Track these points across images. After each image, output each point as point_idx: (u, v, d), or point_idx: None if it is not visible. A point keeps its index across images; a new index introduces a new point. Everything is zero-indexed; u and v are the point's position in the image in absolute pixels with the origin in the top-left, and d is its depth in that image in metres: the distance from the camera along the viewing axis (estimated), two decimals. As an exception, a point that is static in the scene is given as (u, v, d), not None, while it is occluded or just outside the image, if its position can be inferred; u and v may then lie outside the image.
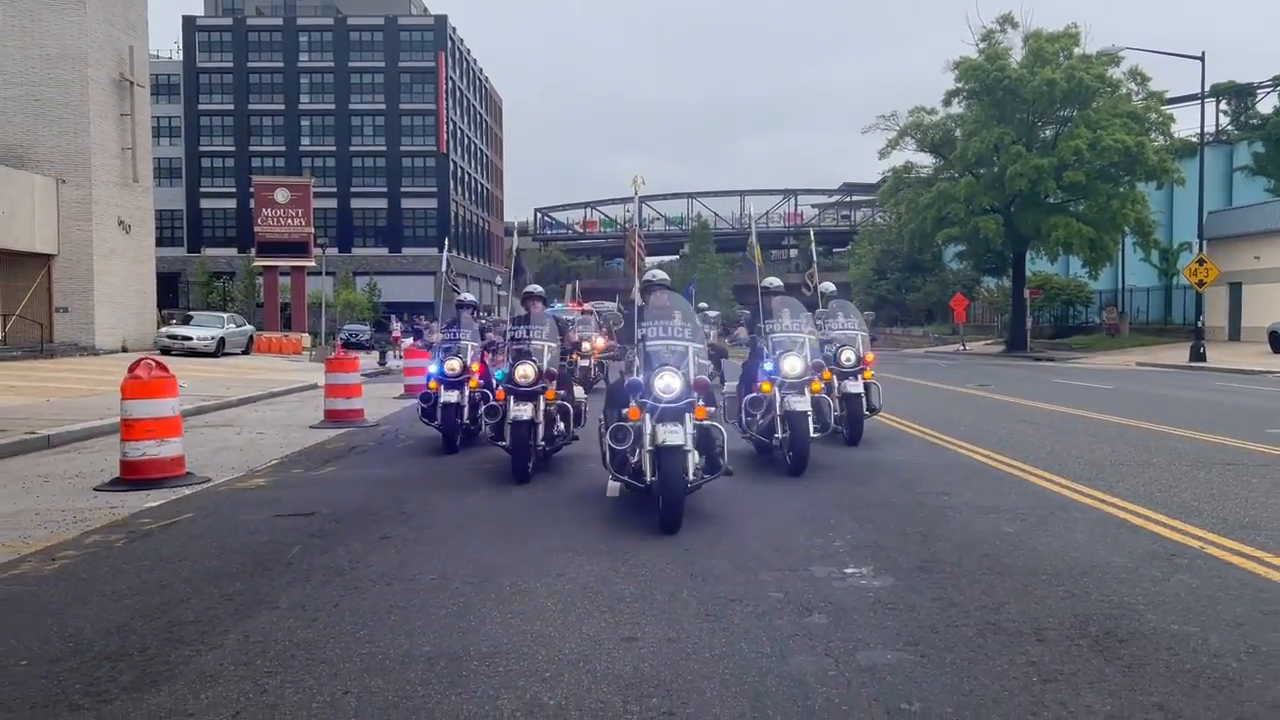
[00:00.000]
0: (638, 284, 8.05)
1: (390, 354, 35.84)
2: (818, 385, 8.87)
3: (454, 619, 4.61)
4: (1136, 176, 42.62)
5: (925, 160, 48.96)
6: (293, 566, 5.74)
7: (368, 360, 31.60)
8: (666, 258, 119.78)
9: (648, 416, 6.59)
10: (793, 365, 8.75)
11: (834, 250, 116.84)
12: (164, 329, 33.71)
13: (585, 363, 19.02)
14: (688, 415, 6.57)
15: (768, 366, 8.94)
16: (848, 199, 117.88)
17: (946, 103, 45.67)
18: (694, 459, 6.56)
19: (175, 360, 29.90)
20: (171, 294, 65.00)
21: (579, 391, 9.74)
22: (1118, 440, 11.39)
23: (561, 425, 9.17)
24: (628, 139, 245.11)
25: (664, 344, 6.97)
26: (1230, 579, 5.17)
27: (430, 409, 11.17)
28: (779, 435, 8.73)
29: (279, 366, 30.35)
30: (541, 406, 8.72)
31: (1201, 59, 33.25)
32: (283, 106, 74.75)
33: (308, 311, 43.99)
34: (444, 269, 14.62)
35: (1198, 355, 32.00)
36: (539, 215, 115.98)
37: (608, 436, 6.77)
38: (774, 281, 9.89)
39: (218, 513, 7.47)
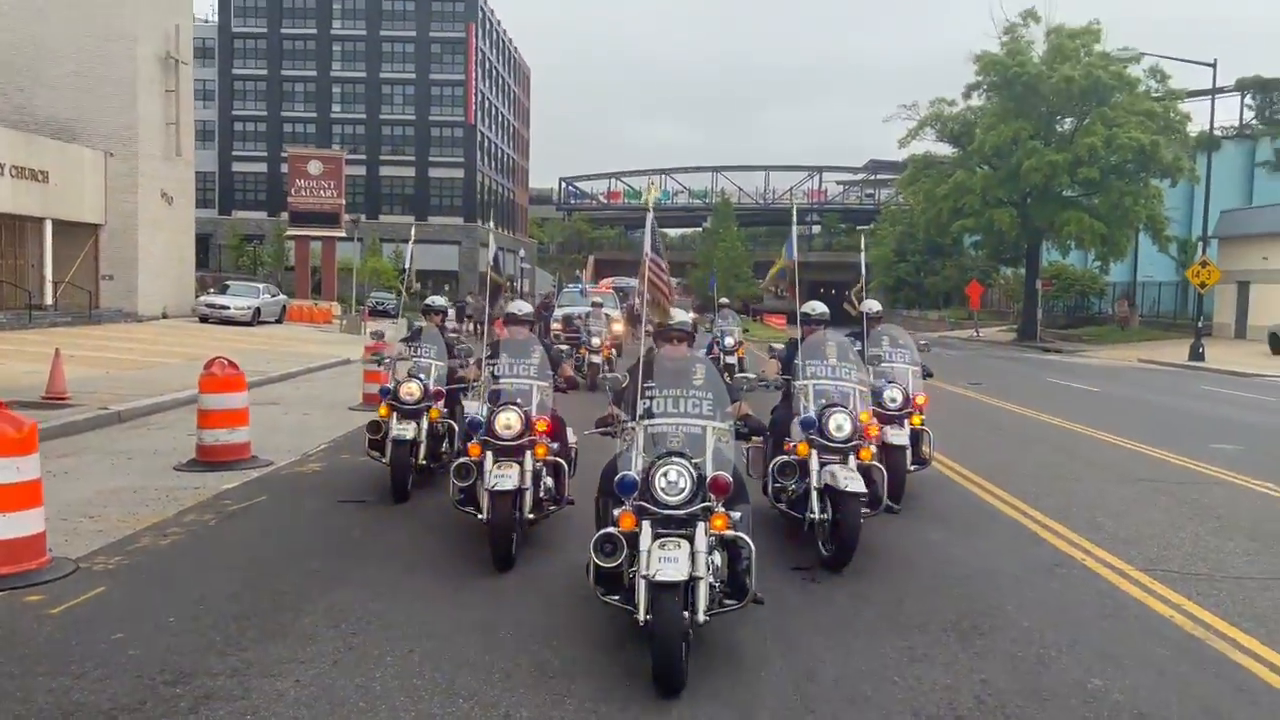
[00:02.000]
0: (646, 326, 6.50)
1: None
2: (868, 453, 6.99)
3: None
4: (1151, 173, 43.45)
5: (945, 150, 49.93)
6: (360, 547, 7.22)
7: (394, 332, 33.04)
8: (689, 230, 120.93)
9: (646, 525, 4.86)
10: (839, 425, 6.93)
11: (858, 228, 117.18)
12: (203, 298, 35.35)
13: (595, 358, 18.76)
14: (701, 527, 4.86)
15: (805, 425, 7.06)
16: (874, 177, 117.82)
17: (966, 95, 46.61)
18: (707, 587, 4.81)
19: (213, 329, 31.59)
20: (203, 255, 66.62)
21: (571, 435, 7.56)
22: (1068, 452, 12.71)
23: (551, 483, 7.13)
24: (656, 106, 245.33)
25: (676, 422, 5.35)
26: (1090, 588, 6.55)
27: (379, 440, 8.83)
28: (815, 514, 6.79)
29: (312, 337, 31.91)
30: (528, 466, 6.78)
31: (1213, 65, 34.05)
32: (314, 73, 76.00)
33: (338, 279, 45.55)
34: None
35: (1196, 355, 33.04)
36: (564, 184, 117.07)
37: (592, 548, 4.90)
38: (817, 307, 8.25)
39: (287, 496, 8.95)
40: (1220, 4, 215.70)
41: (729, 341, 19.31)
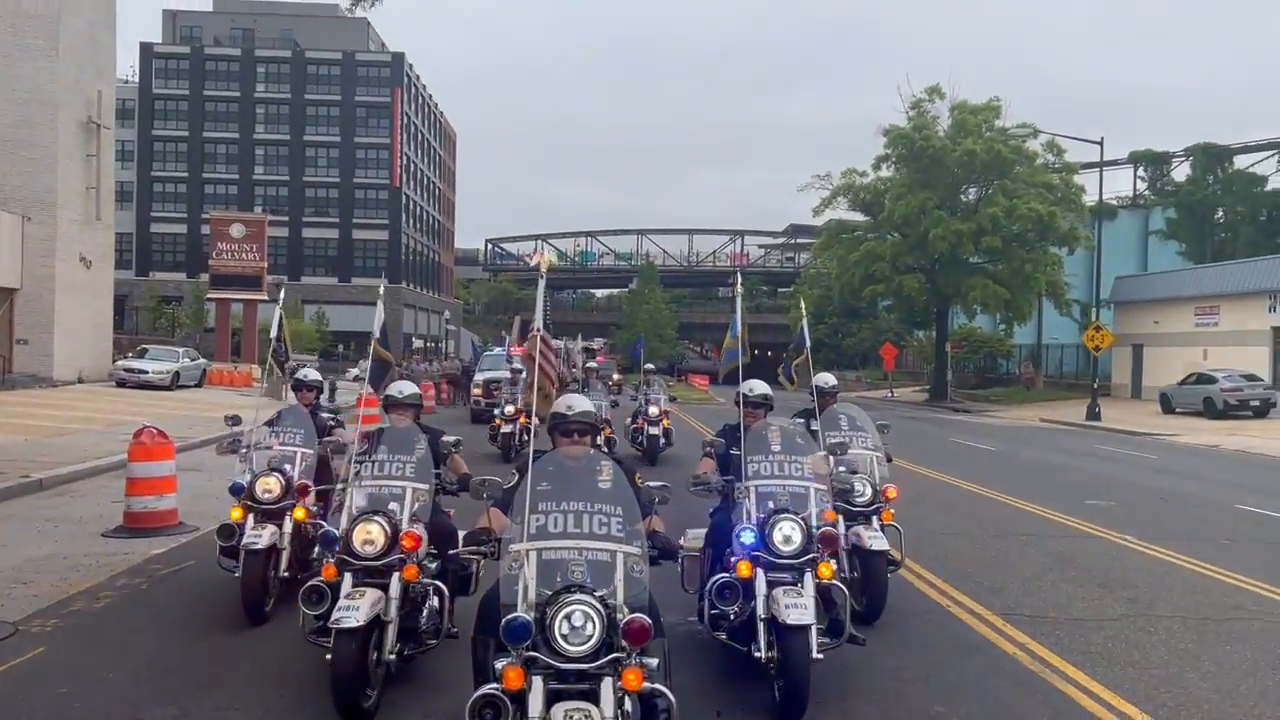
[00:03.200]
0: (536, 414, 6.09)
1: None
2: (827, 570, 5.87)
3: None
4: (1050, 241, 45.85)
5: (859, 217, 51.98)
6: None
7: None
8: (615, 290, 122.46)
9: (538, 683, 3.99)
10: (786, 537, 5.80)
11: (779, 290, 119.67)
12: (120, 362, 35.04)
13: (508, 428, 18.03)
14: (608, 683, 3.99)
15: (747, 538, 5.87)
16: (794, 241, 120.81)
17: (876, 166, 48.76)
18: None
19: (131, 394, 31.36)
20: (120, 317, 65.67)
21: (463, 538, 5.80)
22: (957, 509, 13.67)
23: (436, 604, 5.88)
24: (579, 166, 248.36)
25: (577, 545, 4.40)
26: (949, 630, 7.37)
27: (233, 548, 7.32)
28: (762, 650, 5.60)
29: (233, 401, 31.85)
30: (393, 592, 5.54)
31: (1100, 143, 36.63)
32: (237, 135, 76.00)
33: (258, 341, 45.41)
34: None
35: (1093, 415, 34.79)
36: (490, 246, 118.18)
37: (469, 713, 3.94)
38: (757, 387, 6.95)
39: (212, 562, 9.35)
40: (1118, 71, 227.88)
41: (653, 411, 18.66)
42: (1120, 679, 6.34)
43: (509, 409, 18.34)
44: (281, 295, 10.11)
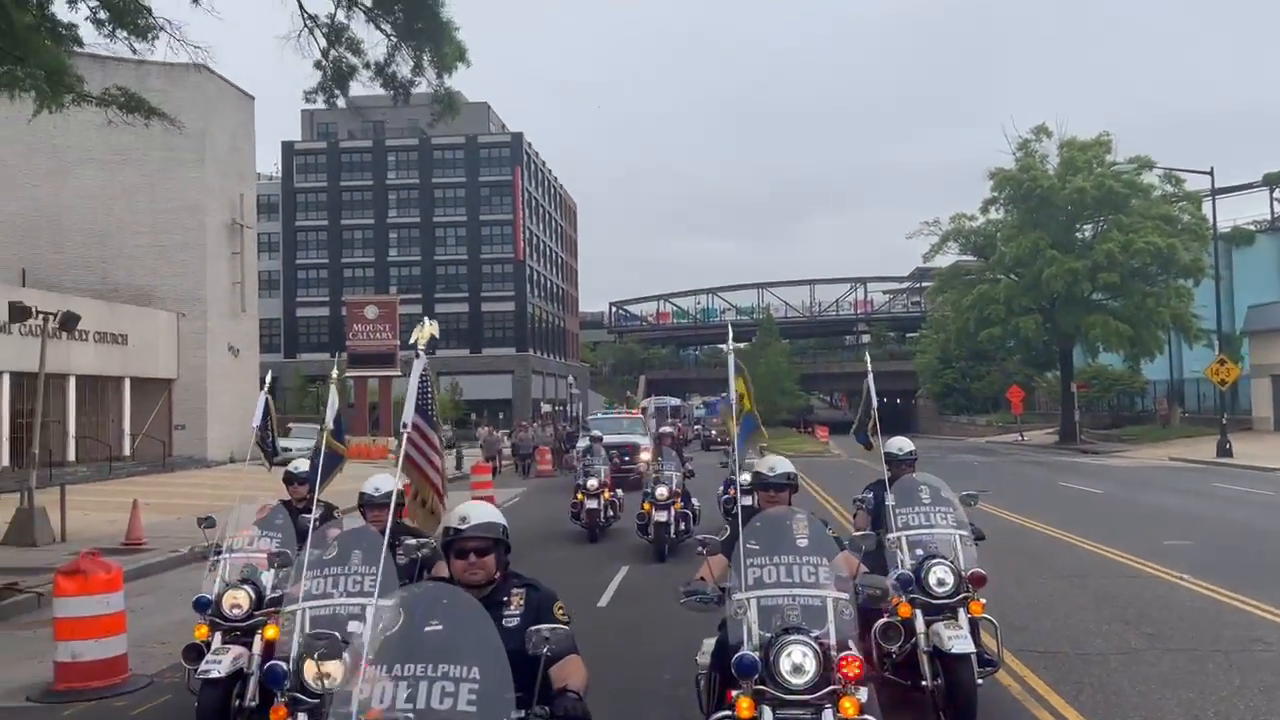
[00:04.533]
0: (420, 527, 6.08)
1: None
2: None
3: None
4: (1172, 274, 44.60)
5: (973, 260, 51.64)
6: None
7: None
8: (740, 344, 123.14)
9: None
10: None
11: (907, 335, 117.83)
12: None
13: (592, 503, 16.29)
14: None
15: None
16: (919, 285, 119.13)
17: (984, 210, 48.51)
18: None
19: (277, 470, 33.81)
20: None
21: None
22: (1021, 553, 13.93)
23: None
24: (700, 224, 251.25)
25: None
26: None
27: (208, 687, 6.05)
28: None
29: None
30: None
31: (1210, 173, 35.68)
32: (372, 221, 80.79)
33: (394, 415, 48.10)
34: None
35: (1224, 451, 33.63)
36: (613, 308, 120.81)
37: None
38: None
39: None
40: (1239, 98, 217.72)
41: (660, 492, 14.27)
42: (1097, 706, 6.88)
43: (591, 482, 16.41)
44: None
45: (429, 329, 5.27)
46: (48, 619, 9.06)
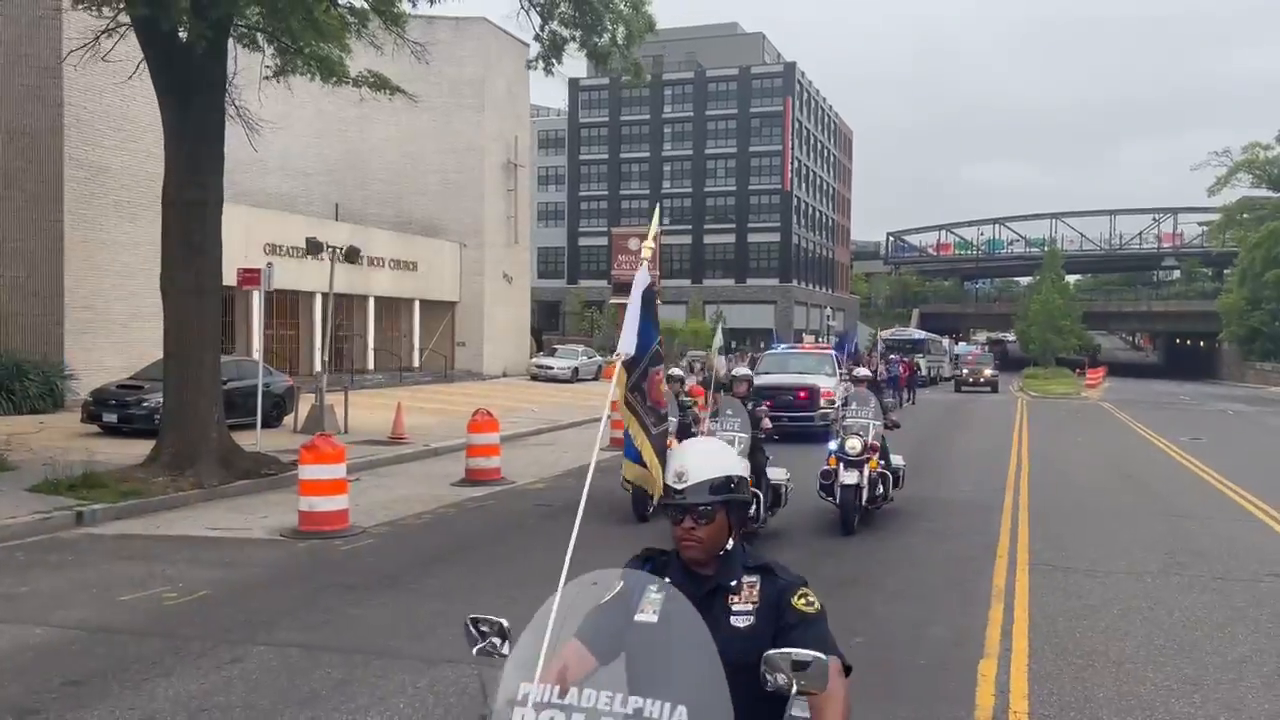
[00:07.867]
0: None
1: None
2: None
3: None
4: None
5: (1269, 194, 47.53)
6: (532, 530, 11.32)
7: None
8: (1025, 279, 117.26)
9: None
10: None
11: (1224, 272, 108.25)
12: (533, 359, 42.24)
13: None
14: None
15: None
16: (1239, 216, 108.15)
17: (1282, 138, 44.41)
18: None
19: (539, 385, 37.93)
20: (554, 320, 76.43)
21: None
22: (1159, 497, 14.40)
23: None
24: (990, 148, 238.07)
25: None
26: (971, 566, 9.30)
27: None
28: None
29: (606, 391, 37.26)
30: None
31: None
32: (648, 154, 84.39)
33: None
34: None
35: None
36: (890, 239, 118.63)
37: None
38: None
39: (506, 501, 13.37)
40: None
41: (852, 445, 11.30)
42: (1057, 609, 8.06)
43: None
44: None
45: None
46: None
